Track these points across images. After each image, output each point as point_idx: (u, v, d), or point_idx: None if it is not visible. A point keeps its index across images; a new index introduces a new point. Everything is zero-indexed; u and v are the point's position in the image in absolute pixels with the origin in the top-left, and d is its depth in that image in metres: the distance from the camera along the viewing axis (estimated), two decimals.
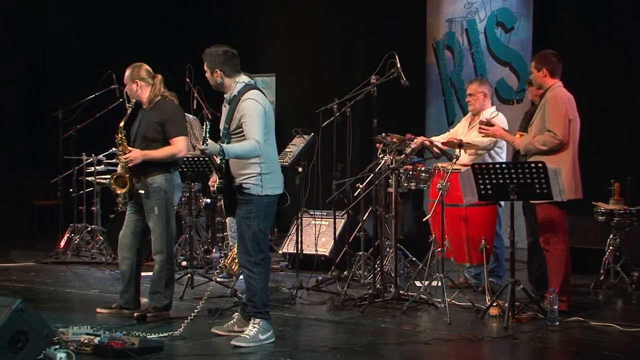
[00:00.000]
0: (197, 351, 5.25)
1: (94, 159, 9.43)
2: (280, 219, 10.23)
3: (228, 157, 5.23)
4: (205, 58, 5.49)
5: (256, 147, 5.27)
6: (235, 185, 5.37)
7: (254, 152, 5.28)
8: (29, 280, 8.09)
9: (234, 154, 5.25)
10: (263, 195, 5.39)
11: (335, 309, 6.54)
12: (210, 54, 5.47)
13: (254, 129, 5.29)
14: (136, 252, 6.34)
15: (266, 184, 5.40)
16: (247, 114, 5.32)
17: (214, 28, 11.87)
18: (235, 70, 5.47)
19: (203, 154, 5.22)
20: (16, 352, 4.56)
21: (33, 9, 11.90)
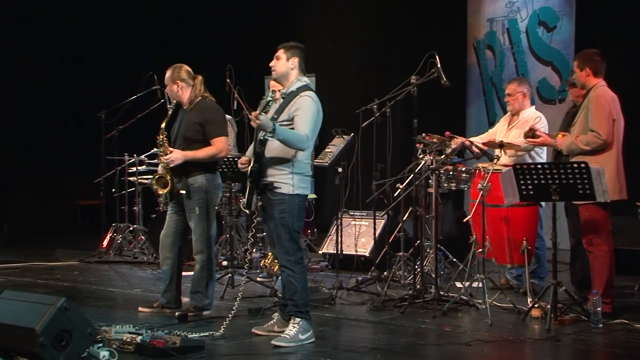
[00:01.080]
0: (237, 351, 5.27)
1: (136, 159, 9.52)
2: (320, 219, 10.25)
3: (277, 136, 5.22)
4: (286, 46, 5.53)
5: (304, 139, 5.30)
6: (266, 183, 5.38)
7: (300, 142, 5.31)
8: (72, 279, 8.19)
9: (283, 136, 5.25)
10: (294, 195, 5.40)
11: (375, 310, 6.52)
12: (294, 45, 5.54)
13: (306, 123, 5.34)
14: (177, 251, 6.39)
15: (297, 184, 5.41)
16: (302, 108, 5.36)
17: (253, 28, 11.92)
18: (303, 68, 5.56)
19: (256, 124, 5.19)
20: (60, 350, 4.62)
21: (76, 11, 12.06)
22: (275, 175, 5.39)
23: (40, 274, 8.45)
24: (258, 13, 12.38)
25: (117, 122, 9.59)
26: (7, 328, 4.72)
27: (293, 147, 5.34)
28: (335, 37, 12.03)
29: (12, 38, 11.77)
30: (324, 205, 10.68)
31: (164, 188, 6.28)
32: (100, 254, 9.49)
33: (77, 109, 11.90)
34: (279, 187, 5.37)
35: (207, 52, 11.59)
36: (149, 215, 9.36)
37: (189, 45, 11.58)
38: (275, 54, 5.56)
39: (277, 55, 5.55)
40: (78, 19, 12.12)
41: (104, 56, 12.12)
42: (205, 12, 12.47)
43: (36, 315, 4.62)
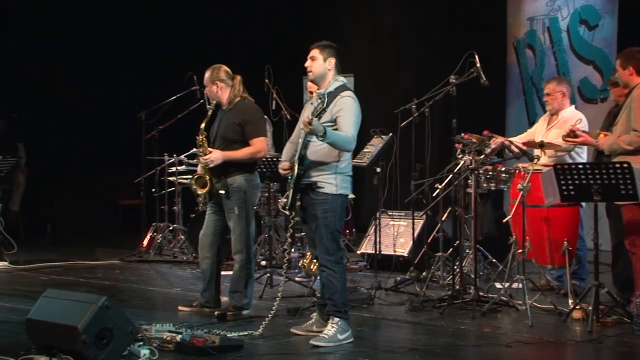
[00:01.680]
0: (276, 350, 5.29)
1: (176, 159, 9.59)
2: (359, 219, 10.24)
3: (327, 139, 5.23)
4: (320, 46, 5.52)
5: (351, 140, 5.34)
6: (309, 182, 5.39)
7: (348, 144, 5.34)
8: (113, 278, 8.28)
9: (332, 139, 5.26)
10: (337, 195, 5.41)
11: (413, 310, 6.50)
12: (327, 44, 5.54)
13: (350, 124, 5.35)
14: (216, 251, 6.43)
15: (340, 184, 5.42)
16: (345, 109, 5.36)
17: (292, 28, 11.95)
18: (339, 67, 5.56)
19: (308, 129, 5.19)
20: (102, 348, 4.67)
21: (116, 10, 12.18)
22: (318, 175, 5.40)
23: (82, 272, 8.55)
24: (298, 13, 12.40)
25: (157, 122, 9.67)
26: (50, 326, 4.79)
27: (341, 148, 5.35)
28: (374, 37, 12.01)
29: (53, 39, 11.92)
30: (363, 205, 10.67)
31: (203, 188, 6.32)
32: (141, 253, 9.58)
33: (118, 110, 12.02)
34: (322, 186, 5.38)
35: (247, 52, 11.64)
36: (188, 215, 9.42)
37: (228, 46, 11.64)
38: (310, 55, 5.56)
39: (312, 56, 5.54)
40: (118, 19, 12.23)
41: (145, 56, 12.22)
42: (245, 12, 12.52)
43: (78, 313, 4.68)
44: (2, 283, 7.88)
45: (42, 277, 8.24)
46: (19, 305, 6.63)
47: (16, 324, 5.80)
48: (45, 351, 4.77)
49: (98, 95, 12.25)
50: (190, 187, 6.51)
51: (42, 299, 5.04)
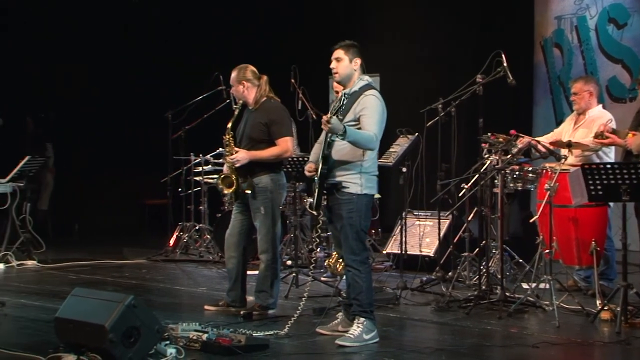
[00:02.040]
0: (302, 350, 5.29)
1: (202, 159, 9.63)
2: (384, 219, 10.23)
3: (347, 138, 5.22)
4: (345, 46, 5.50)
5: (373, 139, 5.31)
6: (334, 182, 5.39)
7: (370, 143, 5.31)
8: (140, 277, 8.33)
9: (353, 138, 5.25)
10: (362, 195, 5.40)
11: (439, 310, 6.48)
12: (351, 44, 5.52)
13: (373, 123, 5.33)
14: (242, 251, 6.44)
15: (365, 183, 5.41)
16: (368, 107, 5.35)
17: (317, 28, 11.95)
18: (364, 67, 5.55)
19: (327, 127, 5.20)
20: (129, 346, 4.70)
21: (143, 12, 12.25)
22: (343, 175, 5.39)
23: (109, 271, 8.61)
24: (322, 12, 12.40)
25: (183, 122, 9.72)
26: (78, 324, 4.82)
27: (363, 147, 5.34)
28: (400, 36, 11.99)
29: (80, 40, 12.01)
30: (388, 205, 10.65)
31: (229, 188, 6.34)
32: (167, 252, 9.63)
33: (144, 110, 12.09)
34: (347, 186, 5.38)
35: (272, 52, 11.66)
36: (214, 214, 9.46)
37: (253, 45, 11.67)
38: (334, 56, 5.53)
39: (337, 57, 5.51)
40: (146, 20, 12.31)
41: (171, 57, 12.29)
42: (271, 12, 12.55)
43: (106, 312, 4.71)
44: (31, 282, 7.96)
45: (70, 276, 8.31)
46: (48, 303, 6.69)
47: (45, 322, 5.86)
48: (73, 349, 4.81)
49: (125, 96, 12.34)
50: (216, 186, 6.53)
51: (70, 298, 5.09)
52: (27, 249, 9.16)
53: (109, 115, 12.24)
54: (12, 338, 5.53)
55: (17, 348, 5.12)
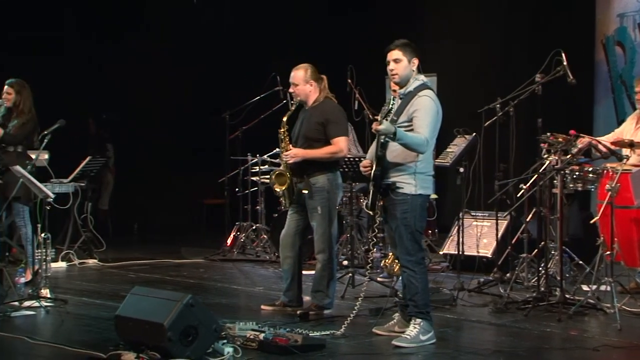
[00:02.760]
0: (358, 350, 5.29)
1: (259, 159, 9.69)
2: (441, 219, 10.16)
3: (398, 140, 5.21)
4: (401, 47, 5.44)
5: (424, 142, 5.27)
6: (388, 183, 5.37)
7: (421, 146, 5.28)
8: (198, 276, 8.41)
9: (404, 141, 5.23)
10: (417, 195, 5.38)
11: (497, 312, 6.42)
12: (407, 44, 5.46)
13: (425, 125, 5.29)
14: (298, 251, 6.46)
15: (419, 184, 5.38)
16: (421, 109, 5.31)
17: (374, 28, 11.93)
18: (419, 67, 5.51)
19: (377, 131, 5.18)
20: (187, 345, 4.76)
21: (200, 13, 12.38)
22: (397, 175, 5.37)
23: (167, 271, 8.72)
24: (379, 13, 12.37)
25: (240, 122, 9.79)
26: (137, 323, 4.90)
27: (413, 151, 5.31)
28: (457, 36, 11.89)
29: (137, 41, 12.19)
30: (445, 205, 10.58)
31: (281, 185, 6.37)
32: (225, 252, 9.71)
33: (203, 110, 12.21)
34: (401, 187, 5.36)
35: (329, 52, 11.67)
36: (271, 214, 9.50)
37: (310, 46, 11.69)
38: (392, 57, 5.44)
39: (396, 58, 5.44)
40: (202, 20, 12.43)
41: (228, 58, 12.39)
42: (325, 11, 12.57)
43: (164, 311, 4.77)
44: (92, 280, 8.09)
45: (129, 275, 8.44)
46: (108, 302, 6.80)
47: (105, 320, 5.96)
48: (133, 347, 4.88)
49: (183, 96, 12.48)
50: (269, 182, 6.56)
51: (129, 296, 5.17)
52: (88, 247, 9.32)
53: (168, 116, 12.40)
54: (73, 335, 5.64)
55: (79, 345, 5.21)
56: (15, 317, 6.18)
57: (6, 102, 7.53)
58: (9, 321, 6.05)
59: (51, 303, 6.55)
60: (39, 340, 5.40)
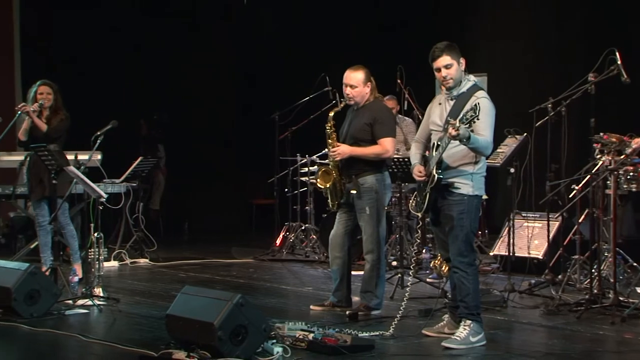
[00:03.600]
0: (407, 351, 5.27)
1: (308, 159, 9.71)
2: (491, 220, 10.07)
3: (471, 145, 5.16)
4: (448, 51, 5.39)
5: (490, 145, 5.28)
6: (446, 183, 5.34)
7: (487, 149, 5.28)
8: (247, 276, 8.46)
9: (476, 145, 5.18)
10: (473, 196, 5.35)
11: (549, 314, 6.35)
12: (452, 46, 5.40)
13: (487, 127, 5.26)
14: (347, 251, 6.46)
15: (476, 184, 5.36)
16: (482, 111, 5.23)
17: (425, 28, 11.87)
18: None
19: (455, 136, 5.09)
20: (237, 344, 4.79)
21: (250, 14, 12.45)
22: (455, 176, 5.34)
23: (217, 270, 8.78)
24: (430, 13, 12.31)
25: (290, 123, 9.82)
26: (187, 322, 4.94)
27: (480, 153, 5.28)
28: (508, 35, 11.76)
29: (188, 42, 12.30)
30: (495, 206, 10.49)
31: (325, 183, 6.37)
32: (274, 252, 9.75)
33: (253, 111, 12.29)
34: (459, 187, 5.32)
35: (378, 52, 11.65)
36: (320, 214, 9.52)
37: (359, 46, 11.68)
38: (442, 63, 5.35)
39: (446, 64, 5.35)
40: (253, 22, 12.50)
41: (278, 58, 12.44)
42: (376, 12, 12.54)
43: (214, 310, 4.81)
44: (143, 279, 8.19)
45: (180, 274, 8.52)
46: (159, 301, 6.88)
47: (156, 319, 6.03)
48: (183, 346, 4.93)
49: (233, 97, 12.56)
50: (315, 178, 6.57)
51: (180, 296, 5.22)
52: (140, 247, 9.43)
53: (218, 117, 12.50)
54: (125, 334, 5.71)
55: (131, 344, 5.28)
56: (69, 315, 6.28)
57: (46, 102, 7.63)
58: (64, 319, 6.16)
59: (104, 302, 6.65)
60: (92, 339, 5.48)
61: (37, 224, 7.76)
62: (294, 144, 9.92)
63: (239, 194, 12.73)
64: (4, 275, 6.23)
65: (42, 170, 7.44)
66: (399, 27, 12.42)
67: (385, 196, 6.37)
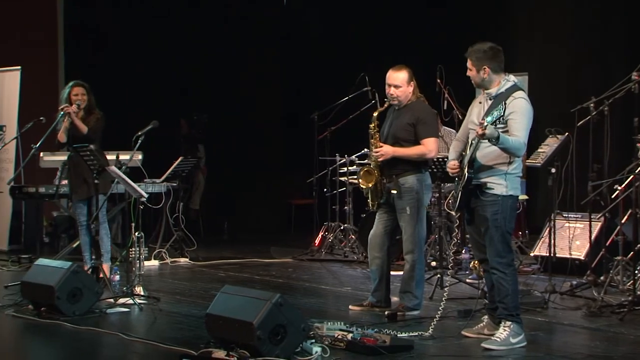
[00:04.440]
0: (447, 352, 5.25)
1: (347, 159, 9.70)
2: (532, 220, 9.99)
3: (500, 145, 5.13)
4: (471, 55, 5.39)
5: (522, 146, 5.22)
6: (479, 183, 5.30)
7: (519, 150, 5.22)
8: (286, 275, 8.48)
9: (505, 145, 5.15)
10: (507, 196, 5.30)
11: (591, 315, 6.27)
12: (477, 51, 5.37)
13: (522, 128, 5.22)
14: (386, 251, 6.45)
15: (510, 184, 5.31)
16: (518, 112, 5.22)
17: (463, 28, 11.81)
18: (501, 67, 5.39)
19: (482, 136, 5.10)
20: (276, 344, 4.80)
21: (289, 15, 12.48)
22: (488, 176, 5.31)
23: (257, 270, 8.81)
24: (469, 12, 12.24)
25: (329, 123, 9.82)
26: (227, 321, 4.97)
27: (511, 154, 5.24)
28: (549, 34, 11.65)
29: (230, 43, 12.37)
30: (536, 206, 10.40)
31: (368, 183, 6.37)
32: (313, 252, 9.76)
33: (292, 111, 12.32)
34: (492, 187, 5.29)
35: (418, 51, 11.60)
36: (359, 214, 9.50)
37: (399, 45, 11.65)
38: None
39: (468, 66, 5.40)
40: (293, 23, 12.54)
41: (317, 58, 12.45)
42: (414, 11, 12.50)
43: (253, 309, 4.83)
44: (183, 279, 8.25)
45: (219, 274, 8.57)
46: (199, 300, 6.92)
47: (196, 318, 6.08)
48: (223, 345, 4.96)
49: (272, 97, 12.60)
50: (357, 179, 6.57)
51: (220, 295, 5.25)
52: (180, 246, 9.50)
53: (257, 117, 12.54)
54: (166, 333, 5.76)
55: (171, 342, 5.32)
56: (110, 313, 6.35)
57: (82, 103, 7.71)
58: (105, 318, 6.23)
59: (144, 301, 6.71)
60: (133, 337, 5.54)
61: (79, 224, 7.86)
62: (333, 144, 9.92)
63: (278, 194, 12.76)
64: (47, 274, 6.32)
65: (85, 171, 7.53)
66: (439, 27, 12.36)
67: (426, 196, 6.35)
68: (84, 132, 7.60)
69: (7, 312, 6.38)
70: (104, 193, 7.38)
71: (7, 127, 10.21)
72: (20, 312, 6.34)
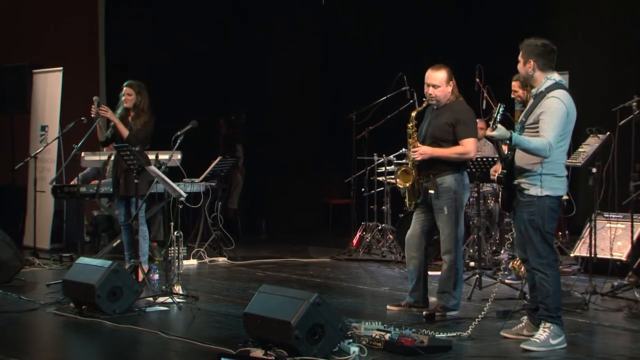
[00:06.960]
0: (485, 353, 5.21)
1: (385, 159, 9.68)
2: (572, 221, 9.88)
3: (514, 146, 5.11)
4: (522, 47, 5.36)
5: (546, 147, 5.11)
6: (515, 183, 5.26)
7: (542, 151, 5.14)
8: (324, 275, 8.48)
9: (521, 146, 5.12)
10: (543, 196, 5.24)
11: (632, 317, 6.20)
12: (529, 44, 5.34)
13: (550, 129, 5.14)
14: (424, 251, 6.42)
15: (546, 184, 5.24)
16: (547, 111, 5.17)
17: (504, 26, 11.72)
18: (549, 65, 5.32)
19: (490, 138, 5.12)
20: (314, 343, 4.81)
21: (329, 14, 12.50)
22: (523, 177, 5.27)
23: (294, 269, 8.83)
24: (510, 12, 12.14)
25: (367, 122, 9.81)
26: (265, 320, 4.99)
27: (534, 155, 5.17)
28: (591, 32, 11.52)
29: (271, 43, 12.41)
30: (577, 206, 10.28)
31: (405, 182, 6.35)
32: (350, 251, 9.75)
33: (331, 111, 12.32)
34: (527, 188, 5.25)
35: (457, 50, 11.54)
36: (397, 214, 9.48)
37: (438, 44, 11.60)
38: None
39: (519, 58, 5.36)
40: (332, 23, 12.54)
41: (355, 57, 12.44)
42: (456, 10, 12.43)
43: (291, 309, 4.84)
44: (222, 278, 8.29)
45: (257, 273, 8.60)
46: (237, 299, 6.96)
47: (234, 317, 6.10)
48: (261, 344, 4.97)
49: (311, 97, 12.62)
50: (394, 178, 6.55)
51: (258, 294, 5.27)
52: (218, 246, 9.56)
53: (296, 117, 12.57)
54: (204, 331, 5.80)
55: (209, 341, 5.35)
56: (149, 312, 6.41)
57: (125, 103, 7.75)
58: (144, 316, 6.29)
59: (183, 299, 6.75)
60: (172, 335, 5.58)
61: (120, 223, 7.94)
62: (371, 144, 9.91)
63: (316, 194, 12.78)
64: (88, 272, 6.39)
65: (121, 170, 7.60)
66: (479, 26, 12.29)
67: (464, 196, 6.32)
68: (124, 136, 7.63)
69: (49, 310, 6.47)
70: (142, 195, 7.42)
71: (49, 127, 10.36)
72: (61, 310, 6.43)
